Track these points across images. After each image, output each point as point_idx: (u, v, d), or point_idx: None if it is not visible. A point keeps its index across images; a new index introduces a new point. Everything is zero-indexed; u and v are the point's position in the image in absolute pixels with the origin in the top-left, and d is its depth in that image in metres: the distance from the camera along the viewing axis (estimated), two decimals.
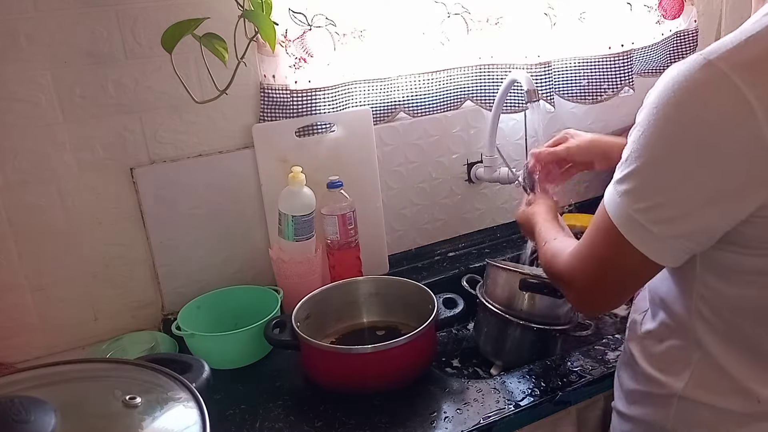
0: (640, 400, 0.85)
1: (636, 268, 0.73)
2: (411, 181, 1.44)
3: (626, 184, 0.70)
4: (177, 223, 1.23)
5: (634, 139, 0.70)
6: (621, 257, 0.73)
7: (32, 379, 0.73)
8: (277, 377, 1.10)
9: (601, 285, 0.78)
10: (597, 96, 1.49)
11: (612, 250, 0.73)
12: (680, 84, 0.65)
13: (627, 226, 0.71)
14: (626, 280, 0.76)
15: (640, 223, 0.69)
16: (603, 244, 0.75)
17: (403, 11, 1.30)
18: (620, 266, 0.74)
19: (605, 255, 0.75)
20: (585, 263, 0.78)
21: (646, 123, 0.68)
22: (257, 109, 1.26)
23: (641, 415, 0.84)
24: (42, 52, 1.08)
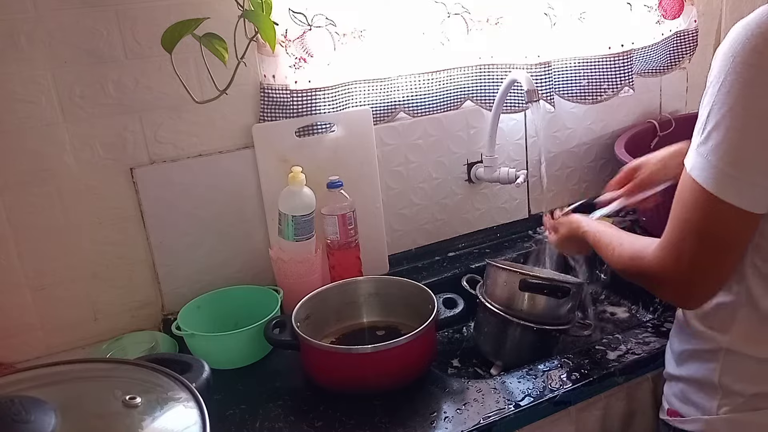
0: (689, 358, 0.88)
1: (735, 228, 0.74)
2: (411, 181, 1.44)
3: (711, 141, 0.71)
4: (177, 223, 1.23)
5: (711, 96, 0.71)
6: (718, 222, 0.73)
7: (32, 379, 0.73)
8: (277, 377, 1.10)
9: (703, 263, 0.76)
10: (597, 96, 1.49)
11: (707, 217, 0.73)
12: (753, 31, 0.69)
13: (720, 183, 0.71)
14: (727, 247, 0.75)
15: (733, 175, 0.70)
16: (696, 216, 0.74)
17: (403, 11, 1.30)
18: (718, 232, 0.74)
19: (701, 226, 0.74)
20: (680, 246, 0.77)
21: (722, 75, 0.70)
22: (257, 109, 1.26)
23: (690, 374, 0.88)
24: (42, 52, 1.08)
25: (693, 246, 0.76)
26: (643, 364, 1.05)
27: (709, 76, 0.73)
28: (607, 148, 1.63)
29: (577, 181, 1.64)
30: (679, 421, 0.90)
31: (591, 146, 1.64)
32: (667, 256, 0.79)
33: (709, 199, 0.72)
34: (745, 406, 0.82)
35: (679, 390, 0.91)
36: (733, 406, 0.83)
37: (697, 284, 0.79)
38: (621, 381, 1.04)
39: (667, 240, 0.79)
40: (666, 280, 0.80)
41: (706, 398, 0.86)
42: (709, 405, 0.85)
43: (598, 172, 1.66)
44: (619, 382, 1.05)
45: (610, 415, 1.09)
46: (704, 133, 0.72)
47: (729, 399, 0.83)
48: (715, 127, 0.71)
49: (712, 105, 0.71)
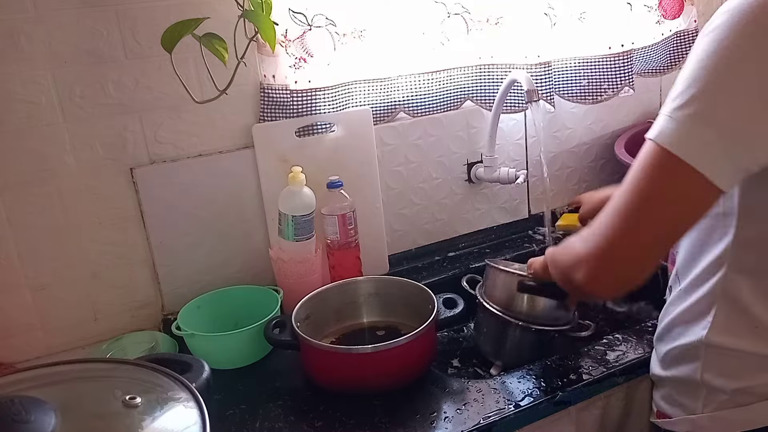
0: (673, 359, 0.89)
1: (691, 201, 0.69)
2: (411, 181, 1.44)
3: (692, 105, 0.67)
4: (177, 223, 1.23)
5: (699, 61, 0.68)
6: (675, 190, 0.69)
7: (32, 379, 0.73)
8: (277, 377, 1.10)
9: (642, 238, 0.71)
10: (597, 96, 1.49)
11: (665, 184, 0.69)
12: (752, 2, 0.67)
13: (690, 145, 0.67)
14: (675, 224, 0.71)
15: (709, 140, 0.66)
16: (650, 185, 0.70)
17: (403, 11, 1.30)
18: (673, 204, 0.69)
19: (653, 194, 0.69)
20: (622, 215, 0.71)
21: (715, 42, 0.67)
22: (257, 109, 1.26)
23: (675, 374, 0.89)
24: (42, 52, 1.08)
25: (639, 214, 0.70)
26: (642, 364, 1.04)
27: (698, 44, 0.70)
28: (607, 148, 1.63)
29: (577, 181, 1.64)
30: (667, 422, 0.91)
31: (591, 146, 1.64)
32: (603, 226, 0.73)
33: (672, 161, 0.67)
34: (728, 402, 0.83)
35: (665, 392, 0.92)
36: (717, 404, 0.84)
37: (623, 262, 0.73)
38: (621, 381, 1.05)
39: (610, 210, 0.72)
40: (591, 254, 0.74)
41: (691, 398, 0.87)
42: (694, 404, 0.86)
43: (598, 172, 1.66)
44: (619, 382, 1.05)
45: (609, 415, 1.09)
46: (684, 97, 0.68)
47: (713, 396, 0.84)
48: (698, 91, 0.67)
49: (698, 70, 0.68)
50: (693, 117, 0.68)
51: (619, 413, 1.10)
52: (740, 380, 0.82)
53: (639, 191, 0.71)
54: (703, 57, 0.68)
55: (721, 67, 0.67)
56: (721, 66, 0.67)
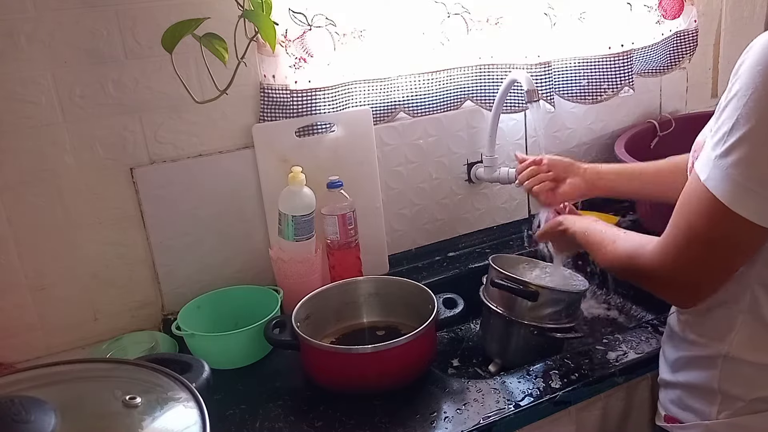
0: (685, 365, 0.89)
1: (744, 240, 0.74)
2: (411, 181, 1.44)
3: (734, 154, 0.70)
4: (177, 223, 1.23)
5: (737, 106, 0.70)
6: (728, 233, 0.73)
7: (32, 379, 0.73)
8: (277, 377, 1.10)
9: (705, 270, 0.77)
10: (597, 96, 1.49)
11: (717, 227, 0.73)
12: None
13: (739, 197, 0.70)
14: (733, 257, 0.76)
15: (753, 191, 0.69)
16: (705, 226, 0.74)
17: (403, 11, 1.30)
18: (727, 243, 0.74)
19: (710, 236, 0.74)
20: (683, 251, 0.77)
21: (751, 85, 0.69)
22: (257, 109, 1.26)
23: (688, 380, 0.88)
24: (42, 52, 1.08)
25: (698, 253, 0.76)
26: (642, 364, 1.05)
27: (732, 86, 0.71)
28: (607, 148, 1.63)
29: None
30: (678, 427, 0.90)
31: (591, 146, 1.64)
32: (668, 257, 0.79)
33: (723, 211, 0.71)
34: (745, 409, 0.82)
35: (676, 396, 0.91)
36: (733, 411, 0.83)
37: (691, 286, 0.80)
38: (621, 381, 1.04)
39: (671, 244, 0.79)
40: (662, 280, 0.81)
41: (705, 404, 0.85)
42: (709, 410, 0.85)
43: None
44: (619, 382, 1.05)
45: (609, 415, 1.09)
46: (725, 145, 0.71)
47: (729, 404, 0.83)
48: (740, 140, 0.69)
49: (737, 117, 0.69)
50: (735, 166, 0.70)
51: (619, 413, 1.10)
52: (759, 390, 0.81)
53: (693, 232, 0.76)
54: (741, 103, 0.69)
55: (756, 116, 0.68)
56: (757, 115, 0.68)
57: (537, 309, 1.13)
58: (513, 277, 1.13)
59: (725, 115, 0.72)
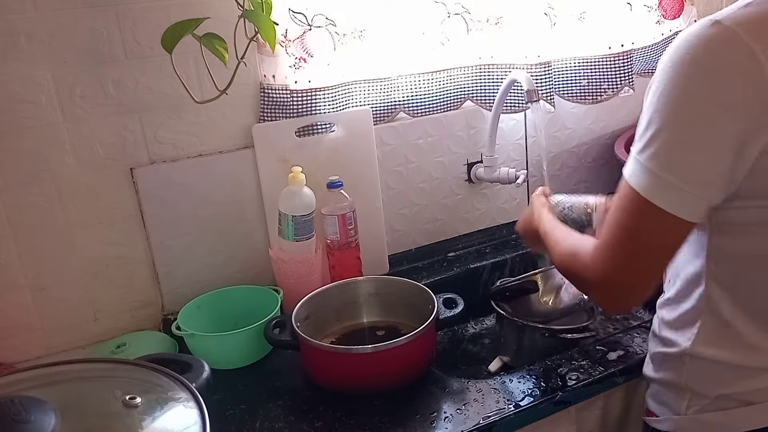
0: (661, 361, 0.91)
1: (666, 234, 0.74)
2: (411, 181, 1.44)
3: (651, 148, 0.72)
4: (177, 223, 1.23)
5: (651, 104, 0.73)
6: (650, 227, 0.74)
7: (32, 379, 0.73)
8: (277, 377, 1.10)
9: (634, 267, 0.77)
10: (597, 96, 1.49)
11: (640, 222, 0.74)
12: (692, 42, 0.71)
13: (657, 190, 0.72)
14: (658, 253, 0.76)
15: (670, 182, 0.71)
16: (630, 221, 0.75)
17: (403, 11, 1.30)
18: (652, 237, 0.75)
19: (634, 231, 0.75)
20: (613, 248, 0.77)
21: (662, 85, 0.72)
22: (257, 109, 1.26)
23: (662, 376, 0.91)
24: (42, 52, 1.08)
25: (626, 249, 0.76)
26: (642, 364, 1.04)
27: (650, 84, 0.75)
28: (607, 148, 1.63)
29: (577, 181, 1.64)
30: (654, 420, 0.92)
31: (591, 146, 1.64)
32: (599, 257, 0.79)
33: (645, 205, 0.73)
34: (711, 406, 0.84)
35: (654, 391, 0.94)
36: (700, 407, 0.85)
37: (624, 288, 0.79)
38: (621, 381, 1.05)
39: (602, 242, 0.79)
40: (596, 281, 0.80)
41: (676, 399, 0.88)
42: (679, 405, 0.87)
43: (598, 172, 1.66)
44: (619, 383, 1.05)
45: (609, 415, 1.09)
46: (643, 141, 0.74)
47: (697, 400, 0.85)
48: (655, 133, 0.72)
49: (652, 113, 0.73)
50: (651, 159, 0.72)
51: (618, 413, 1.10)
52: (723, 387, 0.83)
53: (622, 227, 0.77)
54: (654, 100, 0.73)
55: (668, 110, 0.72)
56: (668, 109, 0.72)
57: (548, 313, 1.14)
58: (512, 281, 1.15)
59: (644, 112, 0.75)
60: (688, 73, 0.70)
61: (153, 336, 1.21)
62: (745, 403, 0.82)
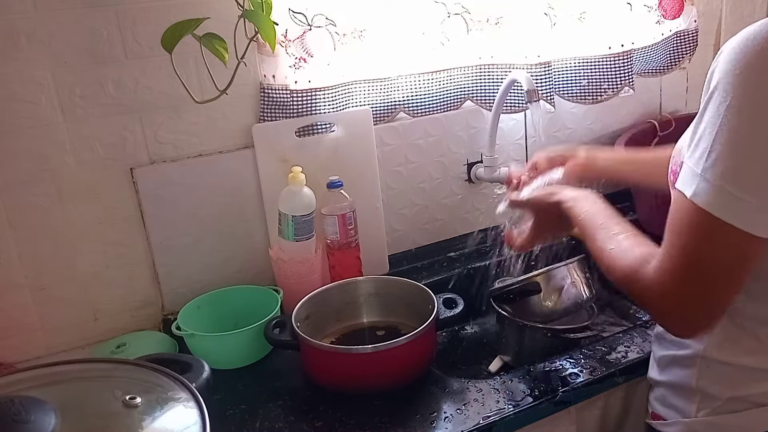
0: (669, 364, 0.89)
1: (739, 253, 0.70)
2: (411, 181, 1.44)
3: (718, 164, 0.67)
4: (177, 223, 1.23)
5: (717, 114, 0.68)
6: (722, 247, 0.69)
7: (32, 379, 0.73)
8: (277, 377, 1.10)
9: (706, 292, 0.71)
10: (597, 96, 1.49)
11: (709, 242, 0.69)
12: (759, 43, 0.65)
13: (727, 206, 0.67)
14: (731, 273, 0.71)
15: (740, 198, 0.67)
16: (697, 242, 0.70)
17: (403, 11, 1.30)
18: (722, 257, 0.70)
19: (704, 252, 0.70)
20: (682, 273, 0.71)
21: (729, 92, 0.67)
22: (257, 109, 1.26)
23: (670, 378, 0.89)
24: (42, 52, 1.08)
25: (695, 278, 0.71)
26: (642, 364, 1.04)
27: (707, 95, 0.70)
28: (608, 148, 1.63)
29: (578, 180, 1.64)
30: (661, 424, 0.91)
31: (591, 146, 1.64)
32: (668, 283, 0.73)
33: (713, 223, 0.68)
34: (722, 408, 0.83)
35: (660, 394, 0.92)
36: (711, 409, 0.84)
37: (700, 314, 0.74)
38: (621, 381, 1.05)
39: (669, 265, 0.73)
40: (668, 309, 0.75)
41: (685, 402, 0.87)
42: (689, 408, 0.86)
43: None
44: (619, 383, 1.05)
45: (609, 415, 1.09)
46: (710, 157, 0.68)
47: (707, 402, 0.84)
48: (725, 149, 0.67)
49: (719, 126, 0.67)
50: (723, 177, 0.67)
51: (618, 413, 1.10)
52: (735, 389, 0.82)
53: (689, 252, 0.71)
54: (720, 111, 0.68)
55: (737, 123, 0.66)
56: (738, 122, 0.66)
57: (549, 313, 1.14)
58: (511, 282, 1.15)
59: (704, 126, 0.69)
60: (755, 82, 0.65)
61: (153, 336, 1.21)
62: (758, 404, 0.81)
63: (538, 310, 1.16)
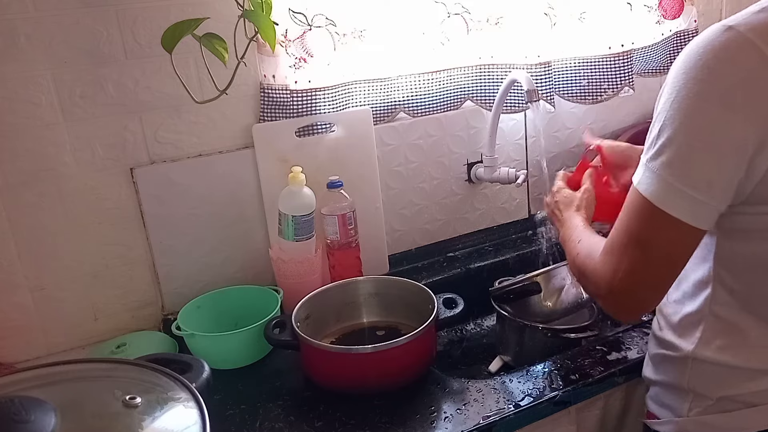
0: (662, 363, 0.91)
1: (677, 241, 0.74)
2: (411, 181, 1.44)
3: (663, 155, 0.72)
4: (177, 223, 1.23)
5: (663, 110, 0.72)
6: (661, 234, 0.74)
7: (32, 379, 0.73)
8: (277, 377, 1.10)
9: (641, 274, 0.76)
10: (597, 96, 1.49)
11: (650, 229, 0.74)
12: (705, 48, 0.70)
13: (668, 197, 0.72)
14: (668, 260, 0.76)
15: (681, 190, 0.71)
16: (639, 228, 0.75)
17: (403, 11, 1.30)
18: (660, 244, 0.74)
19: (643, 237, 0.75)
20: (621, 254, 0.77)
21: (674, 91, 0.71)
22: (257, 109, 1.26)
23: (663, 378, 0.90)
24: (42, 52, 1.08)
25: (633, 256, 0.76)
26: (642, 365, 1.04)
27: (661, 91, 0.75)
28: None
29: None
30: (655, 423, 0.92)
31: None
32: (607, 263, 0.79)
33: (654, 212, 0.73)
34: (714, 408, 0.84)
35: (654, 393, 0.93)
36: (702, 408, 0.85)
37: (631, 295, 0.78)
38: (621, 381, 1.05)
39: (608, 248, 0.79)
40: (602, 288, 0.80)
41: (678, 401, 0.88)
42: (681, 407, 0.87)
43: None
44: (619, 383, 1.05)
45: (608, 415, 1.09)
46: (655, 148, 0.73)
47: (699, 401, 0.85)
48: (666, 141, 0.71)
49: (664, 120, 0.72)
50: (663, 167, 0.72)
51: (618, 413, 1.10)
52: (726, 389, 0.83)
53: (630, 235, 0.76)
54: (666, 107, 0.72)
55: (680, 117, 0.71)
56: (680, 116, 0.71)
57: (549, 313, 1.14)
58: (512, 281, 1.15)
59: (654, 119, 0.74)
60: (701, 78, 0.70)
61: (153, 336, 1.21)
62: (748, 404, 0.81)
63: (539, 310, 1.17)
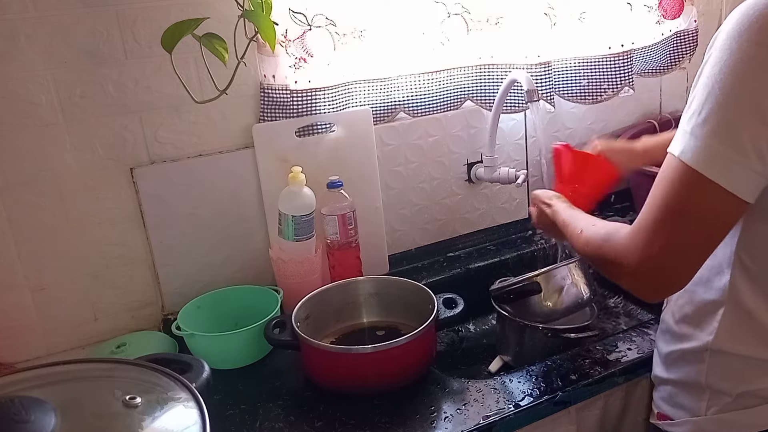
0: (675, 361, 0.88)
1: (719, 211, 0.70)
2: (411, 181, 1.44)
3: (711, 122, 0.68)
4: (177, 223, 1.23)
5: (710, 74, 0.69)
6: (703, 203, 0.70)
7: (32, 379, 0.73)
8: (277, 377, 1.10)
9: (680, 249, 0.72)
10: (597, 96, 1.49)
11: (692, 198, 0.70)
12: (761, 10, 0.67)
13: (713, 162, 0.68)
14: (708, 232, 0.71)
15: (727, 155, 0.68)
16: (680, 198, 0.71)
17: (403, 11, 1.30)
18: (702, 213, 0.70)
19: (685, 207, 0.71)
20: (656, 228, 0.72)
21: (726, 54, 0.68)
22: (257, 109, 1.26)
23: (678, 376, 0.88)
24: (42, 52, 1.08)
25: (672, 231, 0.71)
26: (642, 364, 1.04)
27: (706, 58, 0.71)
28: None
29: None
30: (668, 424, 0.91)
31: None
32: (639, 239, 0.74)
33: (699, 181, 0.69)
34: (732, 405, 0.82)
35: (667, 393, 0.92)
36: (721, 406, 0.83)
37: (665, 272, 0.74)
38: (621, 381, 1.05)
39: (643, 222, 0.74)
40: (633, 265, 0.75)
41: (694, 400, 0.86)
42: (698, 406, 0.85)
43: None
44: (619, 382, 1.05)
45: (609, 415, 1.09)
46: (701, 115, 0.69)
47: (716, 399, 0.84)
48: (715, 107, 0.68)
49: (712, 84, 0.68)
50: (712, 134, 0.68)
51: (618, 413, 1.10)
52: (745, 384, 0.81)
53: (669, 208, 0.72)
54: (715, 71, 0.69)
55: (731, 81, 0.67)
56: (732, 81, 0.67)
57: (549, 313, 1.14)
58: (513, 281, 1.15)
59: (699, 87, 0.71)
60: (757, 41, 0.66)
61: (153, 336, 1.21)
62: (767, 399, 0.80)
63: (539, 310, 1.16)
